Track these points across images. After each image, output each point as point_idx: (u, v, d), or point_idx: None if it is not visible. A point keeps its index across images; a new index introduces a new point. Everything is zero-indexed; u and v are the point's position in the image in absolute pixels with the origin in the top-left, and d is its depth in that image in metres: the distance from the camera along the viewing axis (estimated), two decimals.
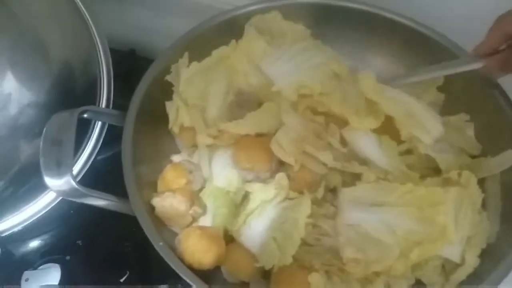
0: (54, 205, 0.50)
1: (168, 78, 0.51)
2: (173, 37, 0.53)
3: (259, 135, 0.50)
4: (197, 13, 0.55)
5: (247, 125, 0.49)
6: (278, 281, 0.45)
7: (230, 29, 0.54)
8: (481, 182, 0.47)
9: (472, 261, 0.44)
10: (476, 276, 0.43)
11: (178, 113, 0.51)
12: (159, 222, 0.46)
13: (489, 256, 0.44)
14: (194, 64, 0.52)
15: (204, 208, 0.48)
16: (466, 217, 0.44)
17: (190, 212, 0.46)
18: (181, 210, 0.45)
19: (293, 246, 0.43)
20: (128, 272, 0.53)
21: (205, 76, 0.52)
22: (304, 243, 0.44)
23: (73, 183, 0.41)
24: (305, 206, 0.45)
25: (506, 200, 0.47)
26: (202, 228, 0.46)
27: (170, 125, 0.51)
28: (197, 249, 0.44)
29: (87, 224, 0.57)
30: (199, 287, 0.39)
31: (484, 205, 0.47)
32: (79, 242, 0.55)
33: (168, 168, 0.49)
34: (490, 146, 0.49)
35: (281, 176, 0.48)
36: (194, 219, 0.47)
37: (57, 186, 0.41)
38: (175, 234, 0.47)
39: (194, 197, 0.47)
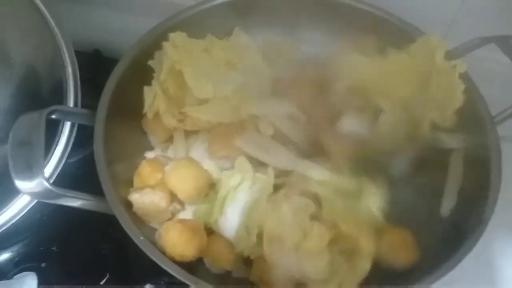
0: (25, 213, 0.49)
1: (151, 63, 0.51)
2: (138, 36, 0.53)
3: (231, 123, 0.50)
4: (160, 11, 0.55)
5: (209, 113, 0.49)
6: (258, 266, 0.45)
7: (196, 25, 0.54)
8: (447, 155, 0.50)
9: None
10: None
11: (154, 100, 0.50)
12: (137, 218, 0.45)
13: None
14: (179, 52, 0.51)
15: (182, 204, 0.48)
16: None
17: (170, 208, 0.46)
18: (162, 207, 0.45)
19: (255, 225, 0.44)
20: (108, 274, 0.52)
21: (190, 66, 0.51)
22: None
23: (46, 184, 0.40)
24: (266, 185, 0.45)
25: (465, 177, 0.49)
26: (182, 221, 0.46)
27: (145, 110, 0.51)
28: (179, 243, 0.44)
29: (61, 230, 0.55)
30: (184, 278, 0.39)
31: (445, 179, 0.49)
32: (54, 248, 0.54)
33: (143, 164, 0.48)
34: None
35: (241, 160, 0.48)
36: (173, 214, 0.47)
37: (29, 189, 0.40)
38: (154, 230, 0.47)
39: (173, 193, 0.47)
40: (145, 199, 0.45)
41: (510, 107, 0.48)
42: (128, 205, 0.45)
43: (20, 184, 0.40)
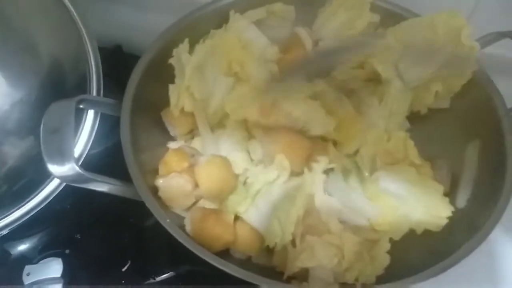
0: (50, 202, 0.50)
1: (171, 61, 0.52)
2: (157, 33, 0.54)
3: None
4: (179, 8, 0.56)
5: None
6: (280, 259, 0.46)
7: (217, 18, 0.56)
8: (463, 147, 0.51)
9: None
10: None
11: (179, 97, 0.52)
12: (162, 204, 0.47)
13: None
14: (195, 55, 0.52)
15: None
16: None
17: (194, 193, 0.47)
18: (187, 190, 0.46)
19: (291, 224, 0.45)
20: (129, 261, 0.54)
21: (209, 68, 0.53)
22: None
23: (77, 168, 0.41)
24: (305, 183, 0.47)
25: (481, 170, 0.50)
26: (217, 213, 0.47)
27: (171, 108, 0.52)
28: (211, 234, 0.45)
29: (84, 219, 0.57)
30: (214, 262, 0.40)
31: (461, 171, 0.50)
32: (78, 236, 0.56)
33: (170, 153, 0.50)
34: None
35: (281, 158, 0.49)
36: (197, 200, 0.48)
37: (61, 173, 0.41)
38: (179, 218, 0.48)
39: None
40: (171, 182, 0.46)
41: None
42: (154, 191, 0.46)
43: (52, 168, 0.41)
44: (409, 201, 0.48)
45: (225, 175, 0.48)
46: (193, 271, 0.52)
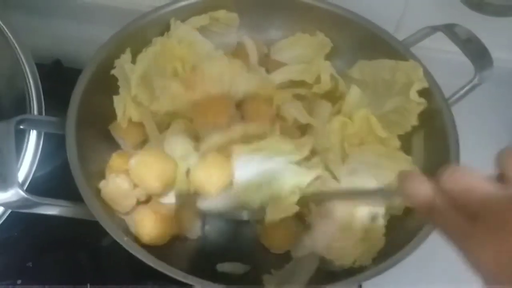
0: None
1: (114, 72, 0.51)
2: (97, 45, 0.53)
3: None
4: (119, 19, 0.55)
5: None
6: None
7: (158, 26, 0.56)
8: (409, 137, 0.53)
9: None
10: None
11: (125, 108, 0.50)
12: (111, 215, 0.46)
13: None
14: (139, 64, 0.52)
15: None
16: None
17: (135, 192, 0.47)
18: (124, 189, 0.46)
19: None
20: (88, 284, 0.51)
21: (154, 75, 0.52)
22: None
23: (22, 193, 0.39)
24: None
25: (427, 156, 0.52)
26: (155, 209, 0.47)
27: (118, 120, 0.51)
28: (151, 232, 0.46)
29: (34, 245, 0.54)
30: (177, 276, 0.39)
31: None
32: (30, 264, 0.52)
33: (113, 157, 0.49)
34: None
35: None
36: (138, 200, 0.48)
37: (4, 199, 0.39)
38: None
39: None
40: (110, 184, 0.46)
41: (459, 89, 0.52)
42: (107, 209, 0.44)
43: None
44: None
45: (161, 166, 0.47)
46: (156, 286, 0.51)
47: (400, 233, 0.47)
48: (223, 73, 0.51)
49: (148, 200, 0.49)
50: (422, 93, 0.51)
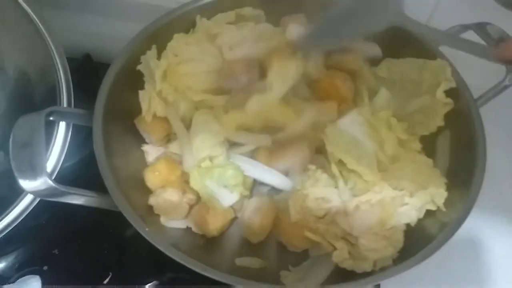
0: (25, 217, 0.49)
1: (140, 67, 0.52)
2: (126, 40, 0.54)
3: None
4: (146, 15, 0.56)
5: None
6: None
7: (185, 23, 0.56)
8: (433, 139, 0.52)
9: None
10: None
11: (150, 103, 0.51)
12: (144, 213, 0.47)
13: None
14: (164, 59, 0.53)
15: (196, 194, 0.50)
16: None
17: (185, 200, 0.48)
18: (174, 201, 0.47)
19: None
20: (110, 273, 0.53)
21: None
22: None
23: (51, 182, 0.41)
24: None
25: (453, 158, 0.51)
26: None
27: (143, 114, 0.52)
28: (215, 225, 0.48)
29: (60, 233, 0.56)
30: (196, 268, 0.40)
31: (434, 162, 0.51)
32: (55, 251, 0.54)
33: (161, 162, 0.50)
34: None
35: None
36: (191, 206, 0.49)
37: (34, 187, 0.40)
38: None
39: (185, 186, 0.49)
40: (159, 199, 0.47)
41: (490, 89, 0.51)
42: (131, 200, 0.45)
43: (24, 183, 0.40)
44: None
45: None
46: (176, 278, 0.51)
47: (418, 234, 0.46)
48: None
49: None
50: (450, 93, 0.50)
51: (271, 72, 0.50)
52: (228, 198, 0.49)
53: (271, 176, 0.51)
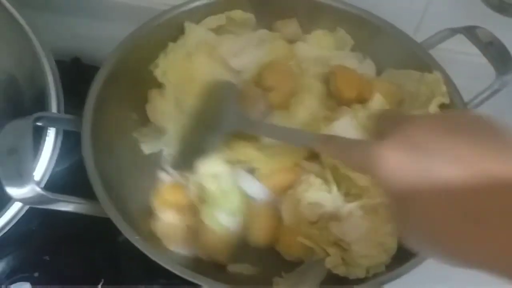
0: (15, 224, 0.48)
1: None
2: (116, 42, 0.53)
3: None
4: (137, 17, 0.55)
5: None
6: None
7: (176, 25, 0.56)
8: None
9: None
10: None
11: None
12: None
13: None
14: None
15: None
16: None
17: (185, 221, 0.48)
18: (176, 224, 0.47)
19: None
20: (102, 280, 0.52)
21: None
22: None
23: (38, 189, 0.40)
24: None
25: None
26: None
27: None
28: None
29: (51, 239, 0.55)
30: (187, 276, 0.40)
31: None
32: (46, 257, 0.54)
33: (167, 189, 0.50)
34: None
35: None
36: (192, 229, 0.48)
37: (21, 195, 0.40)
38: None
39: (189, 210, 0.49)
40: (158, 222, 0.47)
41: (480, 93, 0.51)
42: (120, 207, 0.45)
43: (11, 191, 0.40)
44: None
45: None
46: (168, 285, 0.51)
47: None
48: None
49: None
50: (443, 105, 0.50)
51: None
52: (234, 221, 0.49)
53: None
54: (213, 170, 0.48)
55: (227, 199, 0.48)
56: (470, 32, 0.50)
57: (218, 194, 0.48)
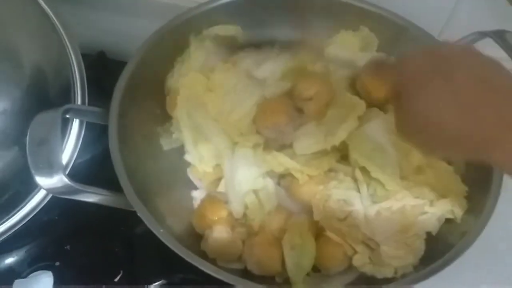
0: (37, 213, 0.49)
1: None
2: (142, 38, 0.54)
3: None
4: (162, 13, 0.56)
5: None
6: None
7: (203, 22, 0.56)
8: None
9: None
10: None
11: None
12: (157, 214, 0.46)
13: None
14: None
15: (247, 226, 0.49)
16: None
17: (235, 235, 0.47)
18: (225, 238, 0.46)
19: None
20: (121, 271, 0.53)
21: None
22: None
23: (66, 180, 0.41)
24: None
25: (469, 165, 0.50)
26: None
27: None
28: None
29: (73, 229, 0.56)
30: (209, 270, 0.40)
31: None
32: (67, 247, 0.55)
33: (204, 204, 0.50)
34: None
35: None
36: (243, 240, 0.48)
37: (50, 185, 0.41)
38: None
39: (235, 222, 0.49)
40: (210, 241, 0.46)
41: None
42: (145, 200, 0.45)
43: (40, 180, 0.40)
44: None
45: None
46: (186, 279, 0.52)
47: (438, 240, 0.47)
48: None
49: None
50: None
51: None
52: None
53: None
54: (252, 185, 0.48)
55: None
56: (499, 36, 0.50)
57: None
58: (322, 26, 0.58)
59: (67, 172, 0.49)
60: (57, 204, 0.49)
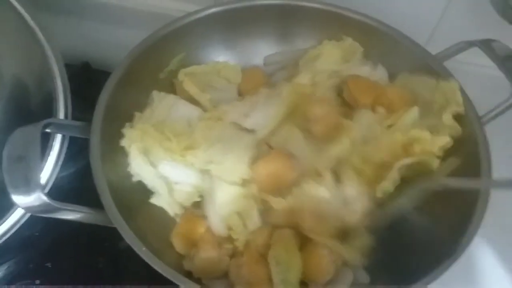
0: (17, 230, 0.48)
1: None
2: (127, 48, 0.53)
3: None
4: (148, 23, 0.55)
5: None
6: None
7: (188, 34, 0.55)
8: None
9: None
10: None
11: None
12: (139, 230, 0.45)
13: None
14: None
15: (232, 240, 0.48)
16: None
17: (222, 252, 0.46)
18: (214, 257, 0.45)
19: None
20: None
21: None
22: None
23: (45, 198, 0.39)
24: None
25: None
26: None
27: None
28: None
29: (53, 246, 0.54)
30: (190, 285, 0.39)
31: None
32: (48, 264, 0.53)
33: (181, 224, 0.48)
34: None
35: None
36: (231, 256, 0.47)
37: (27, 203, 0.39)
38: None
39: (221, 239, 0.47)
40: (196, 261, 0.45)
41: (496, 107, 0.50)
42: (127, 216, 0.44)
43: (17, 199, 0.39)
44: None
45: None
46: None
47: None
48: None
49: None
50: (458, 115, 0.50)
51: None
52: None
53: None
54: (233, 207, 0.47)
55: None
56: (486, 45, 0.50)
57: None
58: (305, 37, 0.58)
59: (47, 189, 0.47)
60: (38, 220, 0.47)
